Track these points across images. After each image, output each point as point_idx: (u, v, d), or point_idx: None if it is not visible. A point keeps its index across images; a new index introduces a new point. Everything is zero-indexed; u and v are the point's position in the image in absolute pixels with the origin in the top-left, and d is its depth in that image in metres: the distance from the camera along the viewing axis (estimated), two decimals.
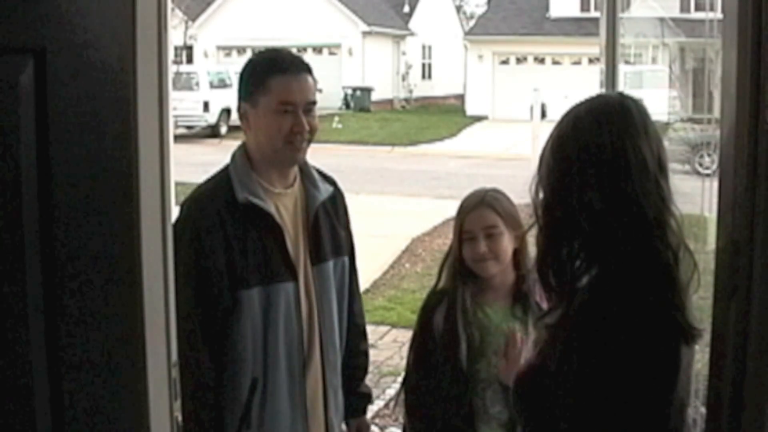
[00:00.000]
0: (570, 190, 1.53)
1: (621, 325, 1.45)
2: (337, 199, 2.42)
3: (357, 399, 2.53)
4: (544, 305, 2.36)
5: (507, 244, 2.36)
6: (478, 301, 2.37)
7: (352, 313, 2.48)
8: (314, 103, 2.24)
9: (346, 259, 2.42)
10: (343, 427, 2.51)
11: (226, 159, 2.33)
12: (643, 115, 1.57)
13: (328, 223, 2.35)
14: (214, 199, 2.21)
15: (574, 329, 1.50)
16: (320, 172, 2.42)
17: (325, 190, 2.36)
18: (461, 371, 2.30)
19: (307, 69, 2.26)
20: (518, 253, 2.40)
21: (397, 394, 2.53)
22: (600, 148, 1.52)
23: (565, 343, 1.50)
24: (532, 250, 2.39)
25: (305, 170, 2.35)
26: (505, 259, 2.37)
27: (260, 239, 2.18)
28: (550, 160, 1.58)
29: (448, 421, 2.35)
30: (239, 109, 2.27)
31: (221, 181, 2.24)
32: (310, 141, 2.24)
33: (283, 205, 2.26)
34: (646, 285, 1.47)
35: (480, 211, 2.36)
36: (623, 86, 2.96)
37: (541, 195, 1.60)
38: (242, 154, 2.27)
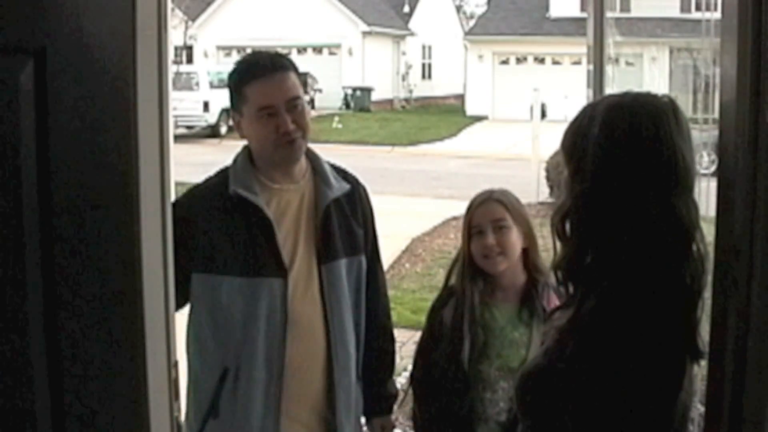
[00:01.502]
0: (612, 189, 1.44)
1: (634, 337, 1.43)
2: (355, 198, 2.39)
3: (380, 399, 2.50)
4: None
5: (515, 239, 2.35)
6: (486, 301, 2.36)
7: (377, 314, 2.44)
8: (297, 98, 2.21)
9: (363, 258, 2.36)
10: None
11: (225, 159, 2.34)
12: (687, 122, 1.48)
13: (342, 221, 2.31)
14: (207, 190, 2.26)
15: (586, 332, 1.48)
16: (340, 170, 2.40)
17: (340, 188, 2.33)
18: (463, 370, 2.30)
19: (285, 67, 2.23)
20: (528, 253, 2.39)
21: (406, 391, 2.53)
22: (657, 152, 1.43)
23: (576, 345, 1.49)
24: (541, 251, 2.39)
25: (317, 167, 2.34)
26: (514, 256, 2.36)
27: (248, 232, 2.18)
28: (597, 149, 1.46)
29: (447, 419, 2.35)
30: (232, 118, 2.30)
31: (221, 177, 2.27)
32: (304, 137, 2.23)
33: (285, 201, 2.25)
34: (665, 304, 1.44)
35: (488, 205, 2.37)
36: (612, 87, 2.95)
37: (580, 183, 1.48)
38: (245, 153, 2.29)
